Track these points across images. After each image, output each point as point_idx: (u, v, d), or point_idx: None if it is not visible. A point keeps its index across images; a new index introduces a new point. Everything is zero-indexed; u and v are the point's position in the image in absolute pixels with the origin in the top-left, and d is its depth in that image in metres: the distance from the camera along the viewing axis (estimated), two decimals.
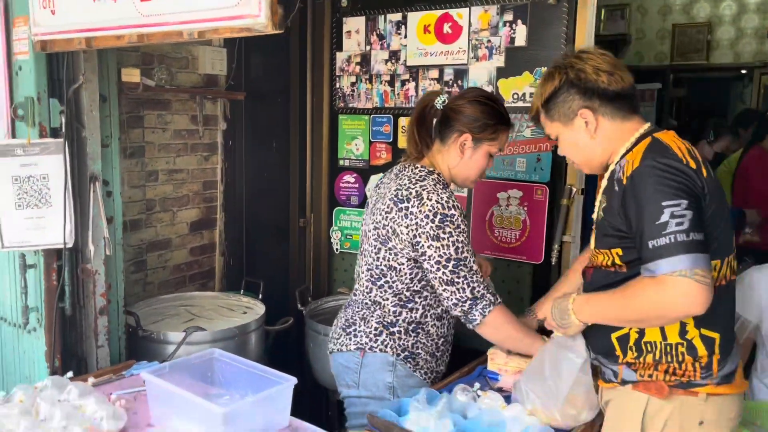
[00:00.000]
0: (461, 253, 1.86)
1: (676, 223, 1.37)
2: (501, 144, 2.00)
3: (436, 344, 2.02)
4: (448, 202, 1.88)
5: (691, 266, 1.35)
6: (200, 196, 3.28)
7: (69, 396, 1.75)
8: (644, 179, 1.45)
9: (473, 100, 1.96)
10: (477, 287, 1.87)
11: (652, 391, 1.54)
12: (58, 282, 2.07)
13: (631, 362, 1.59)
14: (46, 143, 2.00)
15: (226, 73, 3.27)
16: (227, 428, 1.58)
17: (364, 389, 1.98)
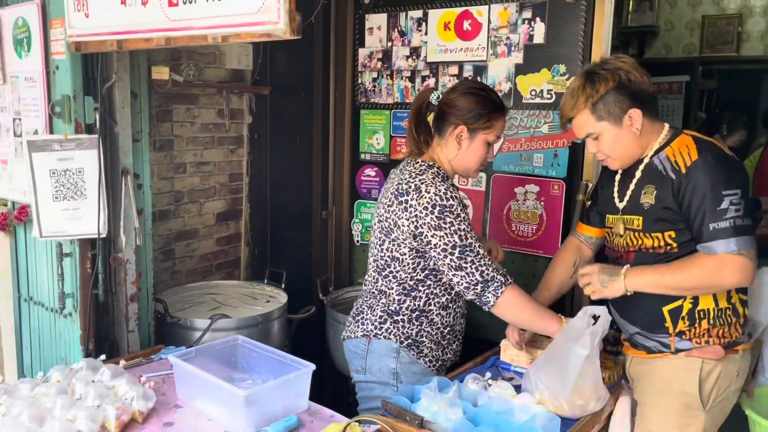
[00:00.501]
0: (465, 239, 1.91)
1: (734, 210, 1.67)
2: (498, 131, 2.03)
3: (441, 333, 2.05)
4: (446, 194, 1.92)
5: (746, 246, 1.66)
6: (226, 187, 3.39)
7: (102, 377, 1.86)
8: (704, 170, 1.72)
9: (465, 92, 2.00)
10: (486, 270, 1.91)
11: (707, 355, 1.81)
12: (93, 270, 2.19)
13: (682, 331, 1.83)
14: (81, 139, 2.10)
15: (252, 68, 3.36)
16: (249, 410, 1.68)
17: (370, 374, 2.06)
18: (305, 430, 1.72)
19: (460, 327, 2.15)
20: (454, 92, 2.02)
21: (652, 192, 1.83)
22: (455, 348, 2.13)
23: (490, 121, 1.99)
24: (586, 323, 1.78)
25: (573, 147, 2.67)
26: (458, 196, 1.96)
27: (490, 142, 2.03)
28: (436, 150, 2.05)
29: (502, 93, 2.80)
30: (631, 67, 1.80)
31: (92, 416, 1.64)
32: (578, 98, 1.82)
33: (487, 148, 2.04)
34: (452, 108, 1.99)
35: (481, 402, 1.78)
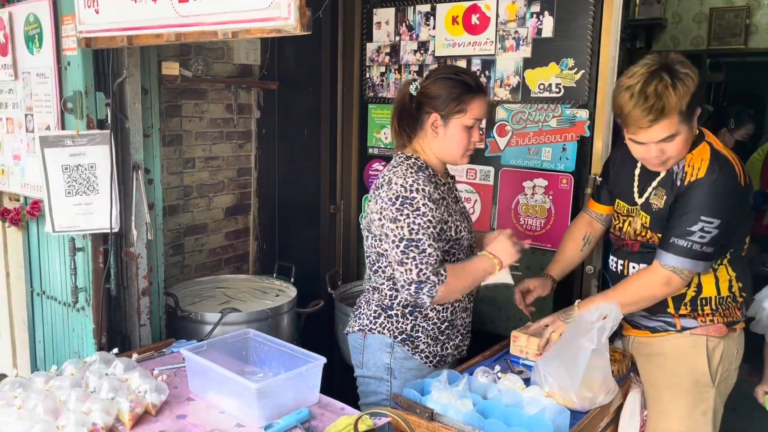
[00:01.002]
0: (415, 234, 1.85)
1: (699, 236, 1.79)
2: (475, 113, 1.95)
3: (438, 328, 2.01)
4: (412, 186, 1.88)
5: (687, 267, 1.82)
6: (235, 182, 3.40)
7: (115, 370, 1.88)
8: (700, 191, 1.81)
9: (436, 78, 1.96)
10: (424, 269, 1.84)
11: (712, 333, 1.93)
12: (105, 264, 2.21)
13: (685, 314, 1.94)
14: (93, 134, 2.12)
15: (260, 63, 3.37)
16: (261, 403, 1.69)
17: (366, 369, 2.06)
18: (317, 422, 1.74)
19: (463, 322, 2.11)
20: (428, 80, 1.97)
21: (662, 196, 1.91)
22: (457, 343, 2.09)
23: (461, 104, 1.92)
24: (595, 318, 1.79)
25: (581, 141, 2.67)
26: (427, 189, 1.89)
27: (469, 126, 1.95)
28: (420, 141, 2.01)
29: (510, 87, 2.80)
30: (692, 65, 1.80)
31: (107, 409, 1.66)
32: (670, 99, 1.73)
33: (468, 133, 1.96)
34: (425, 97, 1.95)
35: (490, 395, 1.79)
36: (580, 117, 2.66)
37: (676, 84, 1.74)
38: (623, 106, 1.79)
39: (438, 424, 1.66)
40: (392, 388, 2.01)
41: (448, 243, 1.96)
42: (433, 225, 1.88)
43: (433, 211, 1.89)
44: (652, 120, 1.76)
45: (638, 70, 1.79)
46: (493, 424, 1.61)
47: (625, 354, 2.06)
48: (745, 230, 1.92)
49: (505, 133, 2.85)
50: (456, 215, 2.00)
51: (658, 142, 1.80)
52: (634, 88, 1.76)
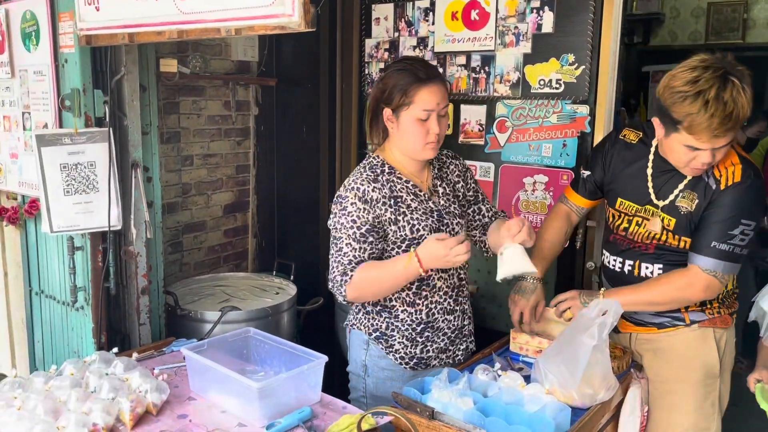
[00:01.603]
0: (337, 232, 1.87)
1: (740, 239, 1.80)
2: (425, 104, 1.82)
3: (413, 329, 1.95)
4: (350, 185, 1.88)
5: (727, 271, 1.83)
6: (233, 179, 3.39)
7: (115, 370, 1.87)
8: (740, 195, 1.81)
9: (388, 71, 1.89)
10: (335, 267, 1.86)
11: (719, 324, 1.97)
12: (104, 263, 2.20)
13: (694, 309, 1.96)
14: (92, 132, 2.11)
15: (258, 60, 3.36)
16: (262, 402, 1.69)
17: (350, 365, 2.07)
18: (318, 421, 1.73)
19: (449, 325, 2.01)
20: (383, 73, 1.91)
21: (692, 199, 1.88)
22: (443, 347, 2.00)
23: (406, 96, 1.82)
24: (595, 314, 1.79)
25: (582, 137, 2.67)
26: (362, 189, 1.85)
27: (422, 118, 1.83)
28: (387, 142, 1.96)
29: (511, 83, 2.80)
30: None
31: (107, 408, 1.66)
32: (743, 104, 1.67)
33: (423, 125, 1.84)
34: (380, 91, 1.89)
35: (491, 392, 1.79)
36: (581, 113, 2.65)
37: (745, 88, 1.68)
38: (693, 113, 1.68)
39: (439, 422, 1.65)
40: (367, 387, 2.00)
41: (403, 242, 1.89)
42: (357, 225, 1.84)
43: (360, 211, 1.84)
44: (728, 129, 1.68)
45: (702, 73, 1.68)
46: (494, 422, 1.60)
47: (626, 350, 2.06)
48: None
49: (506, 129, 2.84)
50: (417, 213, 1.90)
51: (716, 149, 1.74)
52: (708, 93, 1.65)
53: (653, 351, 2.05)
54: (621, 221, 2.05)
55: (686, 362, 1.98)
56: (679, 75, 1.73)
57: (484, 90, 2.88)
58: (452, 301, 2.01)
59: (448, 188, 2.04)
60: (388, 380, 1.96)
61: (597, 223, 2.64)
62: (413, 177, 1.96)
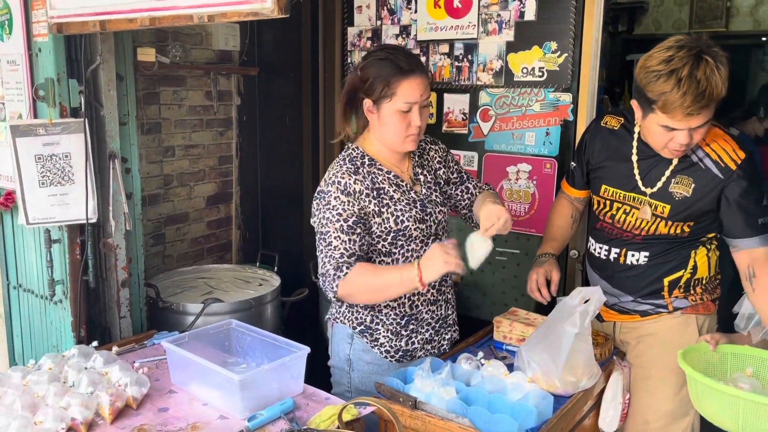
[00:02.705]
0: (325, 227, 1.82)
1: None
2: (407, 96, 1.79)
3: (398, 323, 1.94)
4: (330, 179, 1.85)
5: None
6: (216, 170, 3.36)
7: (95, 364, 1.85)
8: (751, 169, 1.83)
9: (368, 61, 1.84)
10: (327, 262, 1.80)
11: (701, 311, 2.00)
12: (82, 256, 2.16)
13: (678, 296, 1.98)
14: (67, 123, 2.07)
15: (240, 49, 3.32)
16: (244, 394, 1.67)
17: (333, 359, 2.04)
18: (301, 412, 1.72)
19: (433, 315, 2.00)
20: (363, 62, 1.86)
21: (688, 184, 1.87)
22: (428, 338, 1.99)
23: (388, 87, 1.78)
24: (577, 302, 1.79)
25: (565, 125, 2.66)
26: (344, 182, 1.82)
27: (404, 110, 1.80)
28: (366, 131, 1.92)
29: (494, 71, 2.78)
30: None
31: (86, 403, 1.63)
32: (718, 83, 1.67)
33: (404, 117, 1.81)
34: (360, 81, 1.84)
35: (474, 381, 1.78)
36: (564, 101, 2.64)
37: (719, 66, 1.67)
38: (666, 92, 1.68)
39: (421, 412, 1.65)
40: (352, 381, 1.98)
41: (388, 234, 1.87)
42: (344, 218, 1.81)
43: (345, 204, 1.81)
44: (702, 106, 1.68)
45: (676, 53, 1.69)
46: (477, 411, 1.60)
47: (608, 337, 2.07)
48: None
49: (489, 117, 2.83)
50: (400, 204, 1.87)
51: (692, 129, 1.74)
52: (681, 72, 1.66)
53: (636, 338, 2.06)
54: (607, 208, 2.04)
55: (667, 348, 1.98)
56: (654, 55, 1.74)
57: (467, 78, 2.86)
58: (435, 292, 2.00)
59: (429, 176, 2.01)
60: (373, 374, 1.94)
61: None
62: (394, 167, 1.93)
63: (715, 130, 1.87)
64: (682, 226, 1.92)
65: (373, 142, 1.92)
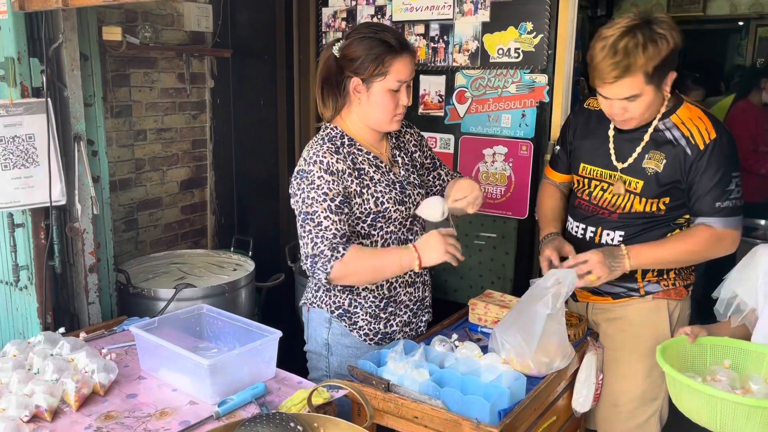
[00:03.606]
0: (311, 207, 1.76)
1: (737, 191, 1.82)
2: (399, 75, 1.78)
3: (377, 305, 1.92)
4: (312, 158, 1.79)
5: (738, 225, 1.84)
6: (190, 155, 3.30)
7: (61, 350, 1.81)
8: (723, 149, 1.81)
9: (354, 39, 1.79)
10: (319, 242, 1.75)
11: (673, 296, 1.98)
12: (47, 240, 2.11)
13: (651, 280, 1.97)
14: (29, 103, 2.00)
15: (212, 31, 3.25)
16: (214, 379, 1.64)
17: (309, 343, 2.01)
18: (272, 396, 1.70)
19: (411, 297, 1.98)
20: (347, 41, 1.81)
21: (660, 159, 1.87)
22: (407, 320, 1.98)
23: (382, 66, 1.76)
24: (550, 284, 1.78)
25: (541, 107, 2.65)
26: (326, 161, 1.77)
27: (394, 89, 1.79)
28: (349, 112, 1.88)
29: (469, 52, 2.75)
30: (676, 26, 1.77)
31: (51, 390, 1.60)
32: (637, 58, 1.70)
33: (393, 97, 1.80)
34: (345, 60, 1.79)
35: (447, 363, 1.77)
36: (540, 82, 2.62)
37: (647, 44, 1.70)
38: (594, 56, 1.76)
39: (394, 394, 1.63)
40: (330, 365, 1.95)
41: (368, 216, 1.84)
42: (330, 197, 1.77)
43: (330, 183, 1.77)
44: (616, 77, 1.73)
45: (620, 22, 1.76)
46: (450, 392, 1.59)
47: (581, 318, 2.06)
48: None
49: (465, 99, 2.81)
50: (380, 185, 1.84)
51: (621, 99, 1.78)
52: (608, 40, 1.73)
53: (608, 320, 2.06)
54: (585, 186, 2.04)
55: (638, 332, 1.99)
56: (608, 23, 1.80)
57: (443, 60, 2.83)
58: (413, 273, 1.97)
59: (407, 158, 1.99)
60: (352, 357, 1.91)
61: None
62: (373, 148, 1.90)
63: (693, 109, 1.87)
64: (657, 203, 1.90)
65: (354, 121, 1.88)
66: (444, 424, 1.56)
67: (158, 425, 1.57)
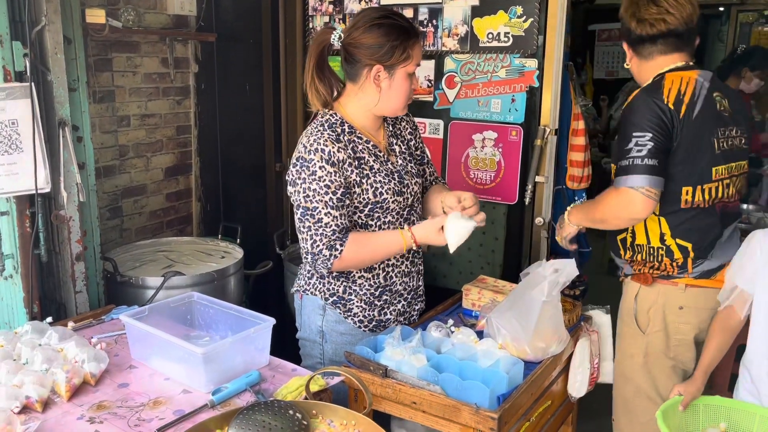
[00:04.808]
0: (311, 201, 1.74)
1: (636, 150, 1.81)
2: (417, 59, 1.81)
3: (372, 293, 1.91)
4: (312, 146, 1.74)
5: (641, 184, 1.79)
6: (174, 141, 3.24)
7: (50, 340, 1.77)
8: (627, 113, 1.89)
9: (369, 25, 1.75)
10: (318, 241, 1.74)
11: (641, 281, 1.99)
12: (33, 229, 2.06)
13: (628, 260, 2.04)
14: (12, 87, 1.94)
15: (196, 14, 3.18)
16: (207, 367, 1.62)
17: (302, 331, 2.00)
18: (267, 384, 1.68)
19: (406, 287, 1.98)
20: (357, 29, 1.76)
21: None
22: (401, 309, 1.98)
23: (405, 50, 1.75)
24: (549, 273, 1.77)
25: (530, 91, 2.64)
26: (327, 150, 1.74)
27: (411, 72, 1.80)
28: (352, 99, 1.84)
29: (459, 36, 2.73)
30: (632, 10, 1.94)
31: (41, 380, 1.57)
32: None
33: (410, 81, 1.81)
34: (360, 48, 1.75)
35: (444, 349, 1.77)
36: (529, 67, 2.61)
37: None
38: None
39: (392, 380, 1.63)
40: (324, 352, 1.95)
41: (366, 206, 1.82)
42: (332, 190, 1.74)
43: (332, 175, 1.74)
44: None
45: None
46: (448, 378, 1.58)
47: (575, 304, 2.07)
48: (682, 178, 1.87)
49: (454, 84, 2.79)
50: (380, 175, 1.82)
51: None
52: None
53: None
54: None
55: (621, 308, 2.10)
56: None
57: (432, 44, 2.80)
58: (409, 264, 1.98)
59: (403, 146, 1.97)
60: (347, 344, 1.91)
61: (546, 179, 2.64)
62: (371, 136, 1.87)
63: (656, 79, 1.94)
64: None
65: (355, 108, 1.85)
66: (443, 410, 1.55)
67: (152, 414, 1.55)
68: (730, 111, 1.94)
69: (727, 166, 1.92)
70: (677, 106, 1.83)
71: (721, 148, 1.90)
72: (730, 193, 1.95)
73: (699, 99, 1.86)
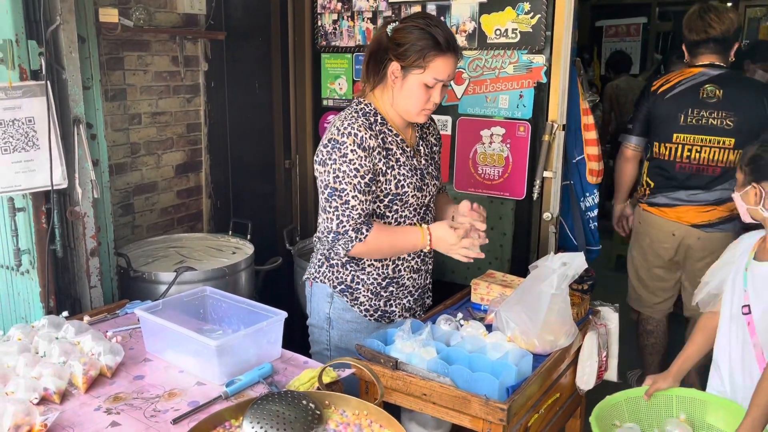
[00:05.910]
0: (339, 182, 1.77)
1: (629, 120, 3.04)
2: (437, 73, 1.78)
3: (379, 284, 1.94)
4: (346, 129, 1.78)
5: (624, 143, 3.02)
6: (184, 138, 3.27)
7: (66, 334, 1.81)
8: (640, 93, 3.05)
9: (407, 25, 1.81)
10: (345, 222, 1.78)
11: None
12: (48, 225, 2.09)
13: None
14: (28, 86, 1.97)
15: (206, 13, 3.21)
16: (221, 360, 1.65)
17: (311, 318, 2.05)
18: (279, 377, 1.71)
19: (414, 283, 2.02)
20: (401, 24, 1.83)
21: None
22: (407, 305, 2.01)
23: (423, 59, 1.77)
24: (557, 266, 1.79)
25: (538, 87, 2.65)
26: (360, 135, 1.78)
27: (429, 85, 1.80)
28: (381, 92, 1.89)
29: (467, 33, 2.75)
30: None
31: (58, 373, 1.60)
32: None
33: (426, 92, 1.81)
34: (392, 42, 1.81)
35: (453, 342, 1.79)
36: (537, 63, 2.63)
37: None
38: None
39: (402, 372, 1.65)
40: (331, 339, 1.99)
41: (386, 196, 1.86)
42: (361, 174, 1.78)
43: (362, 159, 1.78)
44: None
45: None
46: (458, 370, 1.61)
47: (584, 297, 2.09)
48: (655, 136, 2.87)
49: (462, 81, 2.81)
50: (404, 169, 1.87)
51: None
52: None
53: None
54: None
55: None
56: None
57: None
58: (419, 261, 2.02)
59: (427, 149, 2.03)
60: (353, 332, 1.95)
61: (554, 175, 2.65)
62: (400, 131, 1.93)
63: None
64: None
65: (386, 102, 1.90)
66: (453, 401, 1.58)
67: (167, 405, 1.58)
68: (720, 98, 2.66)
69: (694, 136, 2.72)
70: (657, 90, 2.82)
71: (688, 122, 2.72)
72: (701, 158, 2.73)
73: (681, 86, 2.74)
